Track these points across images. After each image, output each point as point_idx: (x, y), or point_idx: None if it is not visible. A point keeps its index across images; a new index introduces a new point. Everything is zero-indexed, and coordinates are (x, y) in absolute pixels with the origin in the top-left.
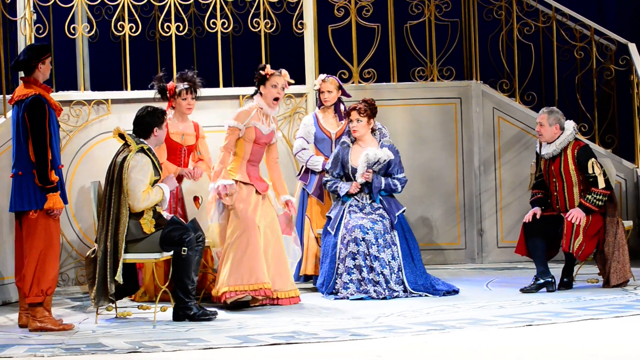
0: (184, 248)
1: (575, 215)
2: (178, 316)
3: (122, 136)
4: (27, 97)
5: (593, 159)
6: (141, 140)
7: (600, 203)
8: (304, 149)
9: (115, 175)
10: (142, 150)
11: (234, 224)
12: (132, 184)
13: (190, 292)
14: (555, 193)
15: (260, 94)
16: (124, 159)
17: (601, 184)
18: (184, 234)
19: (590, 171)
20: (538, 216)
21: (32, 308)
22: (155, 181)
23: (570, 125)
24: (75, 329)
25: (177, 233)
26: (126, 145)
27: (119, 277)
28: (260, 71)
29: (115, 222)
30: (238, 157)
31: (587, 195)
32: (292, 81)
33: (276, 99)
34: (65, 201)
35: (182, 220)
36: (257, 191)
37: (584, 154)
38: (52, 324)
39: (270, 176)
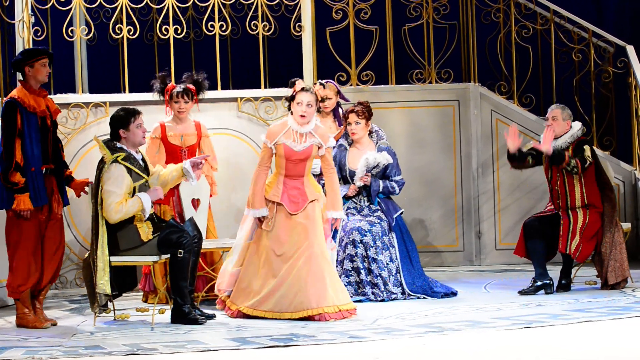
0: (179, 250)
1: (545, 137)
2: (176, 318)
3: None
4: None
5: (588, 146)
6: (118, 146)
7: (569, 168)
8: None
9: (95, 188)
10: (115, 160)
11: (252, 247)
12: (106, 197)
13: (187, 294)
14: (557, 187)
15: (291, 112)
16: (101, 170)
17: (584, 169)
18: (181, 236)
19: (586, 154)
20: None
21: (15, 303)
22: (143, 184)
23: (578, 124)
24: (74, 330)
25: (175, 236)
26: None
27: (102, 289)
28: (290, 88)
29: (102, 235)
30: (276, 172)
31: (572, 159)
32: (319, 97)
33: (302, 116)
34: (36, 202)
35: (179, 222)
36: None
37: (581, 142)
38: (28, 321)
39: (326, 186)
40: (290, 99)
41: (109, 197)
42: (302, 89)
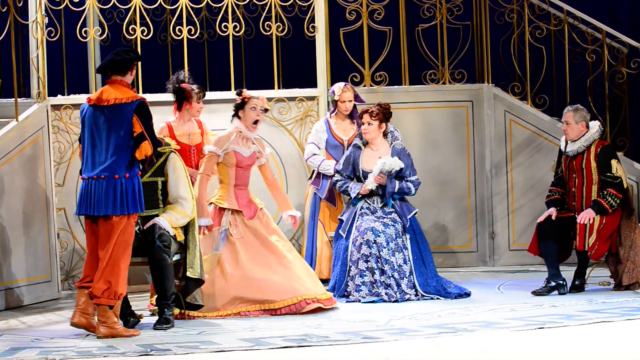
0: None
1: (585, 217)
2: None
3: None
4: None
5: (615, 160)
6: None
7: (615, 205)
8: (315, 154)
9: None
10: None
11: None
12: None
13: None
14: (574, 189)
15: (239, 117)
16: None
17: (625, 184)
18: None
19: (613, 171)
20: (553, 217)
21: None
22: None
23: (595, 124)
24: (87, 331)
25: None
26: None
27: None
28: (238, 96)
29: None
30: (224, 184)
31: (607, 197)
32: (269, 107)
33: (255, 122)
34: None
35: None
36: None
37: (606, 152)
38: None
39: (273, 197)
40: (241, 105)
41: None
42: (252, 96)
